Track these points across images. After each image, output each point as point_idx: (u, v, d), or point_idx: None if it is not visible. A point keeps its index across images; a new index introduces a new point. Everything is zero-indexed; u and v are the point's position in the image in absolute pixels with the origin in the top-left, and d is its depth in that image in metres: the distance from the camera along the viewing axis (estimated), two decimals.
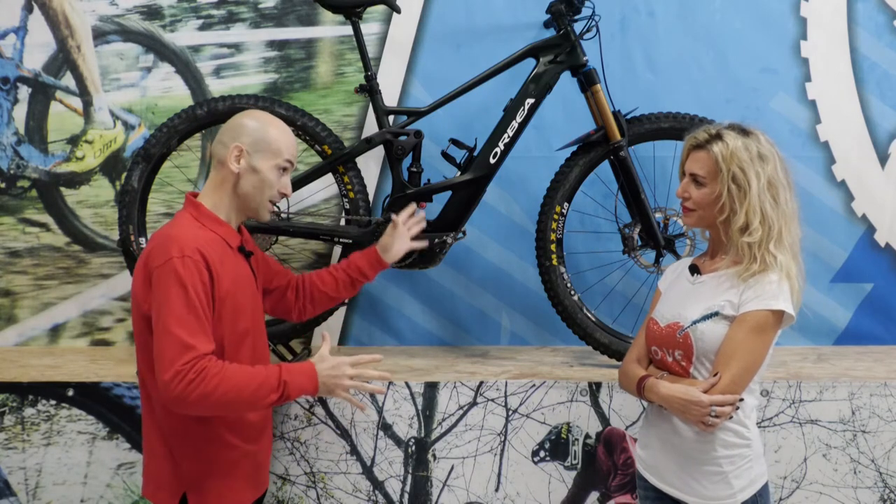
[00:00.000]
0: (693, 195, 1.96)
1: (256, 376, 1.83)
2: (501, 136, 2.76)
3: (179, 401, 1.78)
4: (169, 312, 1.79)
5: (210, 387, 1.77)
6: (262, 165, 1.96)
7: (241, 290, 1.96)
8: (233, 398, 1.80)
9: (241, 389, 1.80)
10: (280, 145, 1.99)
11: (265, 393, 1.83)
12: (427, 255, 2.76)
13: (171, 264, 1.81)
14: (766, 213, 1.87)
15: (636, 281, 3.06)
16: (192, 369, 1.76)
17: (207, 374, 1.77)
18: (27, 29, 3.20)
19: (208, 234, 1.92)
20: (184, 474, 1.94)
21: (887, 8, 3.20)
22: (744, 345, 1.86)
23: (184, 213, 1.97)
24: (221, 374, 1.79)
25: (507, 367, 2.77)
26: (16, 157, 3.21)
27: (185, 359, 1.77)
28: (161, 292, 1.81)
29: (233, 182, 1.97)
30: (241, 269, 1.99)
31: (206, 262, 1.85)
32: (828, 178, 3.22)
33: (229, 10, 3.21)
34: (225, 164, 1.96)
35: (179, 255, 1.82)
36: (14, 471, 2.55)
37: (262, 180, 1.97)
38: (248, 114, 2.05)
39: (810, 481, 2.53)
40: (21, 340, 3.23)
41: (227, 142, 1.97)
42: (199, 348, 1.79)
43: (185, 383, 1.75)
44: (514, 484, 2.55)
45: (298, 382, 1.87)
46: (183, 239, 1.85)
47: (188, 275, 1.81)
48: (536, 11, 2.95)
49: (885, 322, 3.23)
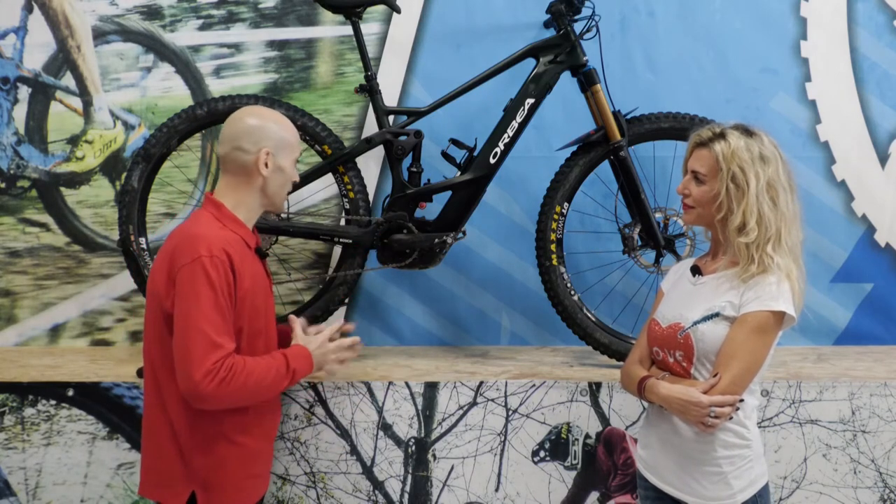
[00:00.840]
0: (693, 192, 1.97)
1: (272, 366, 1.93)
2: (501, 136, 2.76)
3: (210, 397, 1.83)
4: (198, 311, 1.83)
5: (240, 383, 1.85)
6: (286, 164, 2.03)
7: (257, 291, 2.00)
8: (257, 389, 1.90)
9: (262, 380, 1.90)
10: (294, 140, 2.06)
11: (279, 380, 1.94)
12: (427, 255, 2.76)
13: (200, 263, 1.84)
14: (763, 214, 1.87)
15: (636, 281, 3.06)
16: (222, 367, 1.83)
17: (236, 372, 1.85)
18: (27, 29, 3.20)
19: (229, 234, 1.95)
20: (194, 472, 1.95)
21: (887, 8, 3.20)
22: (744, 346, 1.86)
23: (204, 212, 2.00)
24: (247, 370, 1.87)
25: (507, 367, 2.77)
26: (16, 157, 3.21)
27: (214, 357, 1.82)
28: (188, 290, 1.84)
29: (260, 184, 2.01)
30: (257, 269, 2.03)
31: (230, 263, 1.89)
32: (828, 178, 3.22)
33: (229, 10, 3.21)
34: (252, 169, 1.99)
35: (208, 254, 1.85)
36: (14, 471, 2.55)
37: (287, 177, 2.05)
38: (253, 114, 2.05)
39: (810, 481, 2.53)
40: (21, 340, 3.23)
41: (249, 148, 1.98)
42: (226, 346, 1.85)
43: (217, 381, 1.82)
44: (514, 484, 2.55)
45: (302, 366, 2.00)
46: (210, 238, 1.88)
47: (216, 274, 1.85)
48: (536, 11, 2.95)
49: (885, 322, 3.23)
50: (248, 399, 1.93)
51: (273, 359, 1.95)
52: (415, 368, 2.73)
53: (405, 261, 2.76)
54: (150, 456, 2.01)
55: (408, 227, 2.75)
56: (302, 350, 2.03)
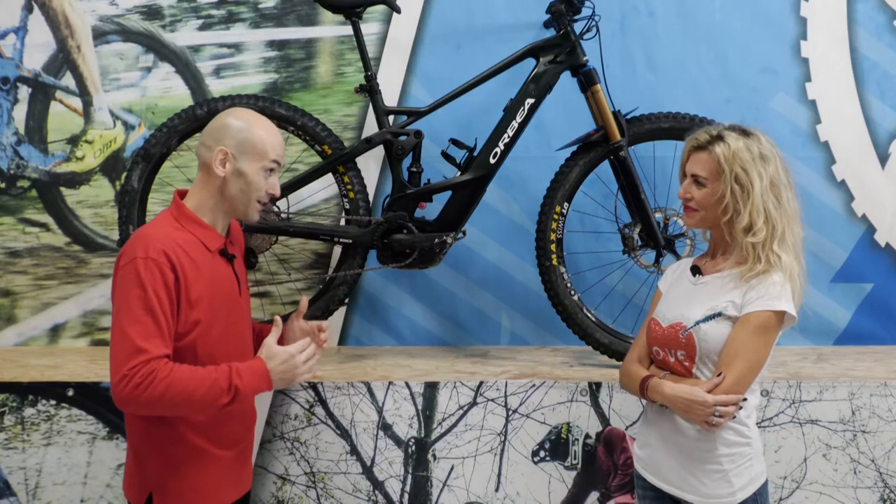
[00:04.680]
0: (695, 196, 1.97)
1: (206, 379, 1.81)
2: (501, 136, 2.76)
3: (126, 403, 1.78)
4: (126, 313, 1.78)
5: (157, 391, 1.76)
6: (248, 168, 1.92)
7: (218, 293, 1.93)
8: (182, 401, 1.79)
9: (191, 393, 1.79)
10: (266, 146, 1.93)
11: (215, 395, 1.81)
12: (427, 255, 2.76)
13: (134, 265, 1.80)
14: (769, 212, 1.88)
15: (636, 281, 3.06)
16: (138, 373, 1.75)
17: (155, 378, 1.76)
18: (27, 29, 3.20)
19: (185, 235, 1.89)
20: (148, 475, 1.92)
21: (887, 8, 3.20)
22: (747, 345, 1.87)
23: (167, 211, 1.95)
24: (170, 378, 1.77)
25: (507, 367, 2.77)
26: (16, 157, 3.21)
27: (133, 362, 1.76)
28: (121, 292, 1.81)
29: (218, 185, 1.93)
30: (221, 271, 1.95)
31: (171, 264, 1.82)
32: (828, 178, 3.22)
33: (229, 10, 3.21)
34: (210, 167, 1.92)
35: (143, 255, 1.80)
36: (14, 471, 2.55)
37: (249, 183, 1.93)
38: (231, 113, 1.98)
39: (810, 481, 2.53)
40: (21, 340, 3.23)
41: (210, 145, 1.92)
42: (151, 351, 1.77)
43: (131, 387, 1.75)
44: (514, 484, 2.55)
45: (250, 384, 1.86)
46: (151, 239, 1.83)
47: (148, 276, 1.79)
48: (536, 11, 2.95)
49: (885, 322, 3.23)
50: (173, 409, 1.83)
51: (214, 371, 1.83)
52: (415, 368, 2.73)
53: (405, 261, 2.75)
54: (126, 456, 2.00)
55: (408, 227, 2.75)
56: (256, 365, 1.87)
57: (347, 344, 3.24)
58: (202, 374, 1.82)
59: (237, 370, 1.85)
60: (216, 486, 1.98)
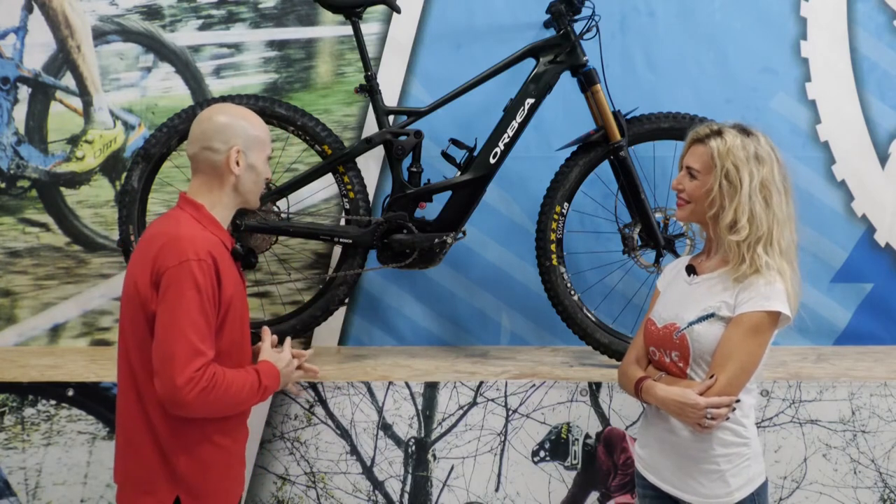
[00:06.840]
0: (687, 187, 1.98)
1: (247, 380, 1.93)
2: (501, 136, 2.76)
3: (189, 405, 1.80)
4: (184, 315, 1.80)
5: (219, 393, 1.83)
6: (256, 161, 1.99)
7: (236, 295, 1.96)
8: (232, 403, 1.89)
9: (239, 393, 1.90)
10: (264, 136, 2.03)
11: (252, 395, 1.94)
12: (427, 255, 2.76)
13: (188, 266, 1.81)
14: (755, 213, 1.88)
15: (636, 281, 3.06)
16: (203, 376, 1.80)
17: (217, 381, 1.83)
18: (27, 29, 3.20)
19: (210, 236, 1.91)
20: (177, 477, 1.90)
21: (887, 8, 3.20)
22: (740, 346, 1.86)
23: (182, 213, 1.94)
24: (227, 381, 1.86)
25: (507, 367, 2.77)
26: (16, 157, 3.21)
27: (196, 364, 1.80)
28: (175, 294, 1.81)
29: (233, 183, 1.97)
30: (235, 272, 1.99)
31: (215, 266, 1.86)
32: (828, 178, 3.22)
33: (229, 10, 3.21)
34: (223, 169, 1.95)
35: (196, 257, 1.82)
36: (14, 471, 2.55)
37: (259, 174, 2.01)
38: (220, 112, 2.00)
39: (810, 481, 2.53)
40: (21, 340, 3.23)
41: (219, 147, 1.94)
42: (207, 354, 1.83)
43: (198, 390, 1.79)
44: (514, 484, 2.55)
45: (272, 384, 2.01)
46: (197, 241, 1.85)
47: (203, 278, 1.82)
48: (536, 11, 2.95)
49: (885, 322, 3.23)
50: (223, 411, 1.90)
51: (248, 373, 1.94)
52: (415, 368, 2.73)
53: (405, 261, 2.75)
54: (129, 463, 1.94)
55: (408, 227, 2.75)
56: (272, 368, 2.02)
57: (347, 344, 3.24)
58: (243, 375, 1.93)
59: (263, 371, 1.98)
60: (236, 485, 2.04)
